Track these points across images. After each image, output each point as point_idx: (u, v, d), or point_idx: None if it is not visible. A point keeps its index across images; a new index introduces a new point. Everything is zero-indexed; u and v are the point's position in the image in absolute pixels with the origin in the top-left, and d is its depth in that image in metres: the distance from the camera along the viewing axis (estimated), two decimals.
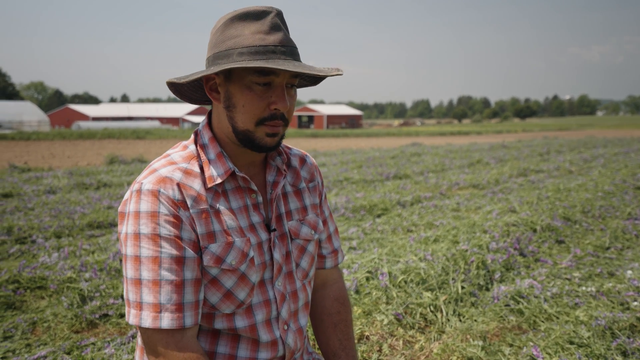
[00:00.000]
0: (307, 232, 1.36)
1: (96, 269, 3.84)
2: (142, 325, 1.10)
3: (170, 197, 1.13)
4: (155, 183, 1.14)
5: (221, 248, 1.17)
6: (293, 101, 1.21)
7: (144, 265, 1.11)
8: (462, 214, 6.06)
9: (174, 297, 1.11)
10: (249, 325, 1.23)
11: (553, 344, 2.53)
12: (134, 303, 1.12)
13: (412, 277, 3.40)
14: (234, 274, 1.19)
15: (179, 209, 1.14)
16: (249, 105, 1.15)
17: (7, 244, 4.81)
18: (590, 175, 9.53)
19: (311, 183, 1.44)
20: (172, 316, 1.10)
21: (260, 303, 1.25)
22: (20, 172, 11.00)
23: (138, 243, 1.11)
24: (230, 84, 1.17)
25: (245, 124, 1.17)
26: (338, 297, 1.52)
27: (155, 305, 1.10)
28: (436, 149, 17.77)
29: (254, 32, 1.14)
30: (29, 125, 46.12)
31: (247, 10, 1.17)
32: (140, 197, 1.13)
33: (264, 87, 1.15)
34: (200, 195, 1.18)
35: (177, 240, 1.12)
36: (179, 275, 1.12)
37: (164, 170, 1.17)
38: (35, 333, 2.97)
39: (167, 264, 1.11)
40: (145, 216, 1.12)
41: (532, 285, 3.35)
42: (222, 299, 1.20)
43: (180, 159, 1.22)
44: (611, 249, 4.50)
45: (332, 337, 1.48)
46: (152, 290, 1.10)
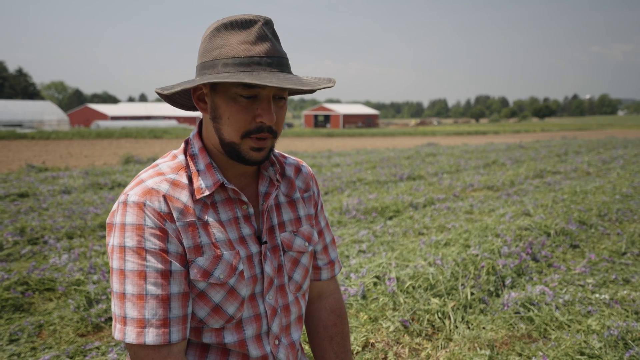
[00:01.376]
0: (300, 243, 1.32)
1: (104, 271, 3.85)
2: (126, 340, 1.07)
3: (156, 209, 1.10)
4: (141, 195, 1.11)
5: (209, 261, 1.14)
6: (282, 112, 1.17)
7: (129, 279, 1.08)
8: (475, 217, 5.98)
9: (159, 312, 1.08)
10: (238, 340, 1.20)
11: (563, 354, 2.46)
12: (119, 318, 1.09)
13: (420, 283, 3.35)
14: (222, 288, 1.16)
15: (165, 222, 1.10)
16: (233, 118, 1.12)
17: (19, 244, 4.85)
18: (609, 177, 9.35)
19: (306, 193, 1.40)
20: (157, 332, 1.07)
21: (250, 318, 1.21)
22: (37, 171, 11.14)
23: (123, 256, 1.09)
24: (215, 95, 1.14)
25: (231, 137, 1.14)
26: (334, 309, 1.48)
27: (139, 321, 1.07)
28: (452, 149, 17.61)
29: (239, 42, 1.11)
30: (49, 124, 46.80)
31: (234, 19, 1.13)
32: (126, 209, 1.10)
33: (250, 100, 1.12)
34: (188, 207, 1.14)
35: (162, 253, 1.09)
36: (165, 290, 1.09)
37: (151, 182, 1.14)
38: (41, 336, 2.99)
39: (152, 277, 1.08)
40: (131, 229, 1.09)
41: (543, 292, 3.28)
42: (210, 313, 1.16)
43: (169, 170, 1.19)
44: (628, 255, 4.38)
45: (328, 351, 1.44)
46: (137, 305, 1.07)
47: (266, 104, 1.11)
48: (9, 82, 76.34)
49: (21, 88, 77.31)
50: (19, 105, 50.08)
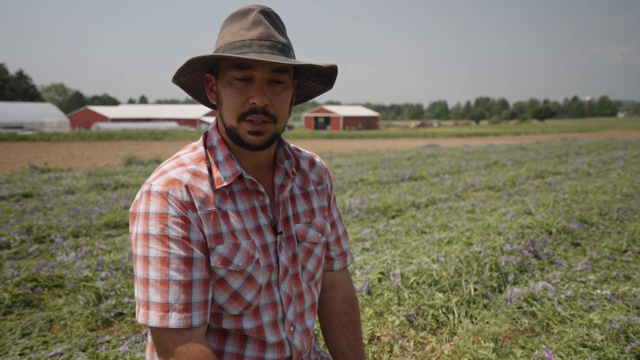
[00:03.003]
0: (314, 234, 1.37)
1: (112, 268, 3.90)
2: (149, 324, 1.12)
3: (178, 198, 1.15)
4: (164, 185, 1.16)
5: (228, 249, 1.19)
6: (280, 97, 1.19)
7: (152, 266, 1.12)
8: (476, 216, 6.03)
9: (181, 297, 1.12)
10: (255, 327, 1.24)
11: (565, 346, 2.51)
12: (142, 302, 1.13)
13: (424, 279, 3.40)
14: (240, 275, 1.20)
15: (187, 211, 1.15)
16: (230, 101, 1.17)
17: (26, 243, 4.90)
18: (609, 177, 9.40)
19: (320, 186, 1.44)
20: (180, 316, 1.12)
21: (267, 305, 1.26)
22: (40, 172, 11.18)
23: (147, 243, 1.13)
24: (218, 81, 1.21)
25: (229, 120, 1.19)
26: (346, 298, 1.53)
27: (162, 305, 1.11)
28: (452, 151, 17.66)
29: (237, 29, 1.17)
30: (50, 126, 46.85)
31: (236, 10, 1.21)
32: (149, 199, 1.15)
33: (245, 83, 1.16)
34: (208, 197, 1.19)
35: (185, 241, 1.14)
36: (187, 276, 1.13)
37: (173, 172, 1.19)
38: (52, 330, 3.03)
39: (175, 264, 1.12)
40: (154, 217, 1.13)
41: (545, 288, 3.32)
42: (229, 299, 1.21)
43: (190, 161, 1.24)
44: (628, 252, 4.43)
45: (340, 338, 1.48)
46: (160, 290, 1.11)
47: (258, 86, 1.16)
48: (10, 84, 76.39)
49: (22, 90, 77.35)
50: (20, 107, 50.14)
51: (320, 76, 1.31)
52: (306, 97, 1.41)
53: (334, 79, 1.30)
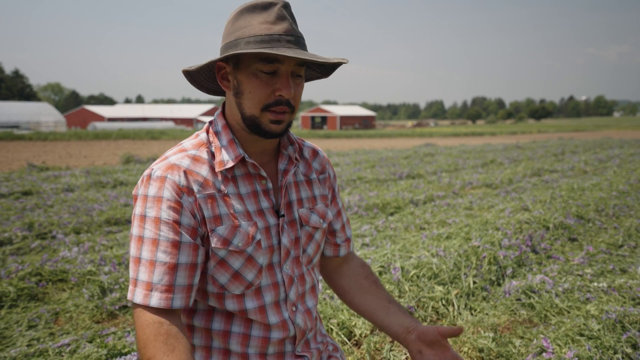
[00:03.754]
0: (316, 220, 1.42)
1: (115, 263, 3.94)
2: (134, 300, 1.16)
3: (176, 182, 1.20)
4: (164, 170, 1.21)
5: (227, 230, 1.23)
6: (299, 89, 1.26)
7: (145, 246, 1.17)
8: (474, 213, 6.09)
9: (165, 278, 1.16)
10: (258, 306, 1.28)
11: (563, 335, 2.57)
12: (132, 280, 1.19)
13: (424, 272, 3.45)
14: (241, 256, 1.25)
15: (182, 195, 1.19)
16: (255, 92, 1.21)
17: (28, 239, 4.93)
18: (605, 175, 9.48)
19: (322, 175, 1.49)
20: (161, 296, 1.16)
21: (268, 285, 1.31)
22: (39, 171, 11.20)
23: (143, 224, 1.18)
24: (238, 72, 1.24)
25: (252, 110, 1.23)
26: (363, 264, 1.58)
27: (147, 284, 1.16)
28: (450, 150, 17.74)
29: (260, 22, 1.21)
30: (46, 125, 46.74)
31: (255, 2, 1.23)
32: (149, 182, 1.21)
33: (270, 75, 1.21)
34: (207, 180, 1.24)
35: (175, 225, 1.18)
36: (174, 259, 1.17)
37: (174, 158, 1.24)
38: (58, 323, 3.08)
39: (163, 246, 1.17)
40: (152, 200, 1.19)
41: (543, 281, 3.38)
42: (230, 279, 1.25)
43: (190, 147, 1.29)
44: (624, 247, 4.50)
45: (379, 293, 1.49)
46: (148, 270, 1.17)
47: (285, 78, 1.21)
48: (6, 83, 76.21)
49: (18, 89, 77.17)
50: (16, 106, 50.00)
51: (323, 67, 1.37)
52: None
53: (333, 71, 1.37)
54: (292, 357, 1.35)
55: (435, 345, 1.35)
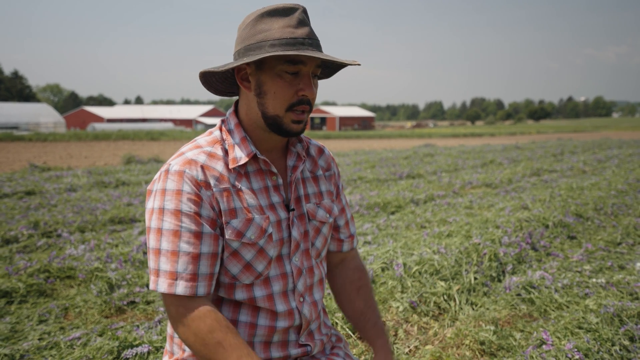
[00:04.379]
0: (322, 214, 1.48)
1: (121, 260, 4.00)
2: (159, 290, 1.23)
3: (194, 177, 1.26)
4: (182, 165, 1.27)
5: (241, 223, 1.30)
6: (316, 89, 1.35)
7: (165, 237, 1.24)
8: (475, 212, 6.15)
9: (189, 267, 1.23)
10: (266, 294, 1.35)
11: (562, 328, 2.64)
12: (153, 270, 1.25)
13: (426, 268, 3.52)
14: (253, 248, 1.31)
15: (200, 189, 1.26)
16: (280, 92, 1.28)
17: (34, 237, 4.99)
18: (604, 174, 9.55)
19: (327, 172, 1.56)
20: (187, 284, 1.23)
21: (277, 275, 1.37)
22: (41, 171, 11.25)
23: (161, 217, 1.24)
24: (261, 73, 1.30)
25: (276, 110, 1.30)
26: (358, 267, 1.65)
27: (171, 273, 1.23)
28: (449, 150, 17.81)
29: (283, 26, 1.27)
30: (45, 126, 46.75)
31: (275, 7, 1.30)
32: (167, 177, 1.27)
33: (293, 76, 1.28)
34: (223, 175, 1.30)
35: (196, 216, 1.25)
36: (196, 248, 1.24)
37: (190, 154, 1.31)
38: (68, 317, 3.14)
39: (186, 237, 1.23)
40: (171, 193, 1.25)
41: (543, 277, 3.45)
42: (242, 270, 1.32)
43: (206, 143, 1.36)
44: (623, 244, 4.57)
45: (357, 300, 1.59)
46: (170, 260, 1.23)
47: (307, 79, 1.29)
48: (5, 84, 76.19)
49: (17, 90, 77.15)
50: (15, 107, 49.99)
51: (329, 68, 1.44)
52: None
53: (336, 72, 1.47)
54: (296, 346, 1.41)
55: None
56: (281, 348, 1.39)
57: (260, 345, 1.36)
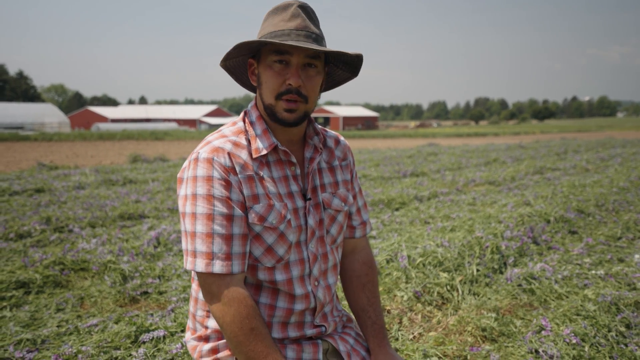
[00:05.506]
0: (337, 203, 1.58)
1: (133, 253, 4.12)
2: (196, 269, 1.33)
3: (222, 164, 1.36)
4: (210, 152, 1.37)
5: (264, 208, 1.39)
6: (312, 80, 1.39)
7: (199, 221, 1.33)
8: (477, 208, 6.25)
9: (224, 248, 1.33)
10: (286, 279, 1.45)
11: (561, 315, 2.74)
12: (190, 252, 1.34)
13: (429, 260, 3.62)
14: (274, 232, 1.41)
15: (229, 174, 1.36)
16: (269, 82, 1.38)
17: (46, 232, 5.11)
18: (606, 172, 9.63)
19: (344, 161, 1.65)
20: (222, 263, 1.32)
21: (296, 261, 1.47)
22: (49, 169, 11.39)
23: (195, 202, 1.34)
24: (259, 65, 1.41)
25: (268, 99, 1.40)
26: (366, 261, 1.73)
27: (208, 254, 1.32)
28: (453, 149, 17.89)
29: (278, 21, 1.38)
30: (50, 126, 47.01)
31: (277, 4, 1.42)
32: (197, 164, 1.36)
33: (283, 66, 1.37)
34: (247, 163, 1.40)
35: (227, 200, 1.34)
36: (229, 230, 1.34)
37: (217, 142, 1.41)
38: (84, 307, 3.25)
39: (219, 220, 1.33)
40: (202, 180, 1.34)
41: (544, 269, 3.55)
42: (264, 253, 1.41)
43: (230, 133, 1.46)
44: (623, 239, 4.66)
45: (360, 296, 1.69)
46: (206, 242, 1.32)
47: (294, 69, 1.36)
48: (10, 84, 76.64)
49: (22, 91, 77.59)
50: (20, 107, 50.30)
51: (347, 64, 1.51)
52: (335, 83, 1.61)
53: (359, 67, 1.50)
54: (311, 327, 1.51)
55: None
56: (297, 328, 1.48)
57: (278, 326, 1.46)
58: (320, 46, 1.38)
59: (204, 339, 1.49)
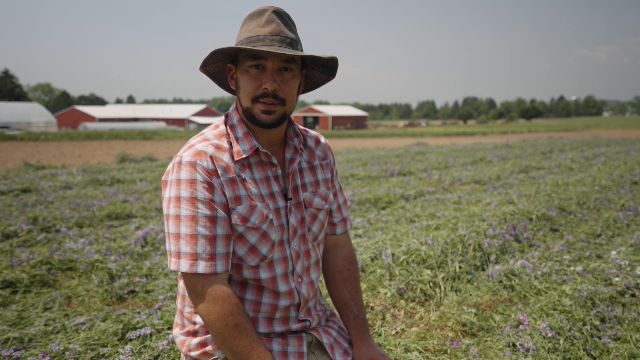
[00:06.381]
0: (318, 202, 1.63)
1: (120, 253, 4.15)
2: (181, 270, 1.38)
3: (205, 167, 1.40)
4: (193, 156, 1.42)
5: (246, 209, 1.44)
6: (288, 83, 1.44)
7: (183, 223, 1.38)
8: (462, 206, 6.34)
9: (207, 249, 1.38)
10: (270, 277, 1.50)
11: (538, 310, 2.82)
12: (174, 253, 1.39)
13: (413, 258, 3.69)
14: (257, 232, 1.46)
15: (212, 177, 1.40)
16: (246, 86, 1.43)
17: (33, 232, 5.11)
18: (590, 171, 9.78)
19: (324, 161, 1.71)
20: (206, 264, 1.37)
21: (279, 259, 1.52)
22: (35, 169, 11.32)
23: (179, 204, 1.39)
24: (237, 70, 1.46)
25: (245, 102, 1.45)
26: (347, 256, 1.79)
27: (192, 255, 1.37)
28: (440, 149, 18.03)
29: (254, 26, 1.43)
30: (37, 126, 46.56)
31: (254, 10, 1.47)
32: (180, 168, 1.41)
33: (259, 70, 1.41)
34: (229, 166, 1.45)
35: (210, 202, 1.39)
36: (212, 231, 1.39)
37: (200, 145, 1.45)
38: (71, 305, 3.28)
39: (202, 221, 1.38)
40: (185, 183, 1.39)
41: (524, 265, 3.63)
42: (247, 252, 1.46)
43: (213, 137, 1.50)
44: (602, 236, 4.77)
45: (343, 290, 1.75)
46: (190, 243, 1.37)
47: (269, 73, 1.41)
48: None
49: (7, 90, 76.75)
50: (6, 107, 49.69)
51: (323, 66, 1.56)
52: (314, 85, 1.66)
53: (336, 69, 1.55)
54: (296, 321, 1.57)
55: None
56: (282, 323, 1.54)
57: (264, 321, 1.52)
58: (295, 50, 1.42)
59: (192, 333, 1.53)
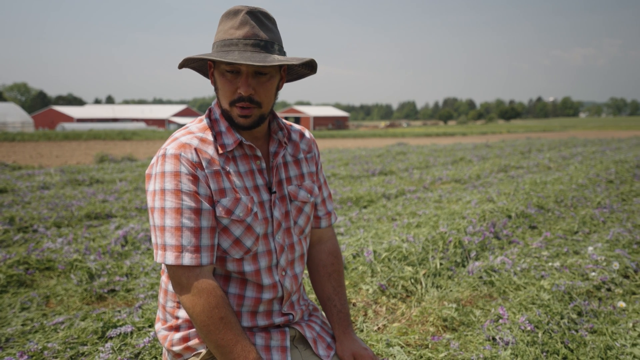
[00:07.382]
0: (304, 195, 1.63)
1: (100, 252, 4.10)
2: (166, 262, 1.37)
3: (189, 159, 1.40)
4: (177, 148, 1.41)
5: (230, 202, 1.44)
6: (264, 86, 1.43)
7: (168, 215, 1.37)
8: (443, 205, 6.39)
9: (192, 241, 1.37)
10: (254, 270, 1.50)
11: (517, 304, 2.87)
12: (160, 245, 1.38)
13: (395, 255, 3.71)
14: (241, 225, 1.46)
15: (196, 169, 1.40)
16: (223, 89, 1.43)
17: (10, 232, 5.02)
18: (567, 170, 9.95)
19: (309, 154, 1.71)
20: (192, 256, 1.37)
21: (264, 252, 1.52)
22: (11, 170, 11.12)
23: (163, 197, 1.38)
24: (215, 70, 1.46)
25: (224, 104, 1.45)
26: (332, 251, 1.80)
27: (177, 247, 1.36)
28: (421, 148, 18.17)
29: (228, 28, 1.42)
30: (13, 126, 45.71)
31: (228, 9, 1.45)
32: (165, 160, 1.40)
33: (234, 74, 1.41)
34: (214, 159, 1.44)
35: (195, 194, 1.39)
36: (197, 223, 1.38)
37: (184, 138, 1.45)
38: (50, 305, 3.23)
39: (187, 214, 1.37)
40: (170, 175, 1.38)
41: (503, 262, 3.68)
42: (232, 245, 1.46)
43: (197, 130, 1.50)
44: (579, 233, 4.86)
45: (326, 285, 1.75)
46: (175, 235, 1.37)
47: (244, 78, 1.40)
48: None
49: None
50: None
51: (304, 64, 1.56)
52: (298, 76, 1.66)
53: (315, 67, 1.55)
54: (279, 315, 1.57)
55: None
56: (266, 317, 1.54)
57: (248, 315, 1.51)
58: (269, 54, 1.40)
59: (175, 328, 1.52)
